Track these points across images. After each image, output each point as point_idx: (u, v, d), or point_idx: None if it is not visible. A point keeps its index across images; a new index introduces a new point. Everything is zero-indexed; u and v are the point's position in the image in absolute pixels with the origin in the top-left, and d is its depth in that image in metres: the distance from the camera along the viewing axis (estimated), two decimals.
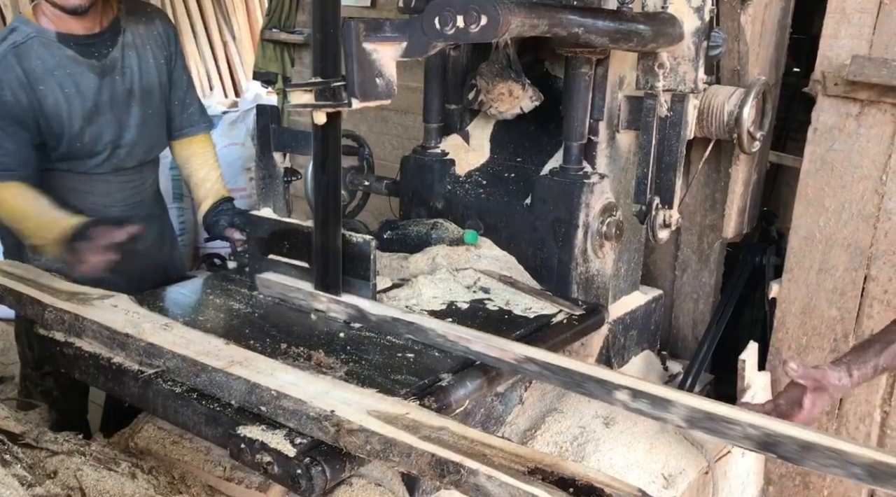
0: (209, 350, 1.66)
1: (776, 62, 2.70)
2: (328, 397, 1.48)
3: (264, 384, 1.51)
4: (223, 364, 1.60)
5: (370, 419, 1.38)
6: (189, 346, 1.68)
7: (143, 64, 2.35)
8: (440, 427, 1.37)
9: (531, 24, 1.68)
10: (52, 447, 1.59)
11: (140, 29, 2.35)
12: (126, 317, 1.80)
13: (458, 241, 2.42)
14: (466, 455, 1.25)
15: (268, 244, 2.14)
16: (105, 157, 2.33)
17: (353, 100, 1.72)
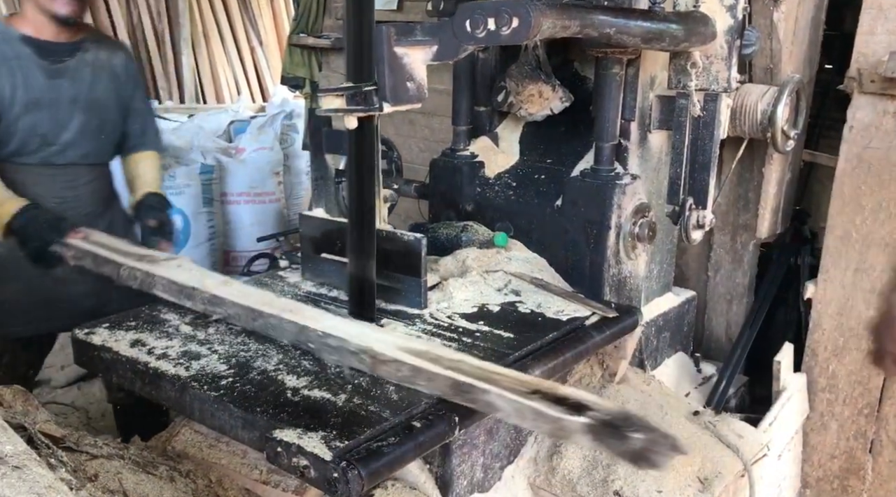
0: (264, 301, 1.87)
1: (810, 59, 2.66)
2: (365, 337, 1.68)
3: (312, 326, 1.71)
4: (277, 311, 1.80)
5: (400, 353, 1.59)
6: (247, 298, 1.89)
7: (96, 82, 2.59)
8: (458, 359, 1.59)
9: (563, 26, 1.67)
10: (92, 451, 1.61)
11: (102, 55, 2.62)
12: (190, 274, 2.03)
13: (489, 243, 2.42)
14: (480, 379, 1.46)
15: (319, 243, 2.19)
16: (34, 148, 2.50)
17: (385, 104, 1.72)
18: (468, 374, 1.49)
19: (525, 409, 1.36)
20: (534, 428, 1.43)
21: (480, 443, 1.88)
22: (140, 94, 2.80)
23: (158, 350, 1.86)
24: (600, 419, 1.29)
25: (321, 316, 1.80)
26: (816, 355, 2.56)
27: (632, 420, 1.29)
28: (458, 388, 1.47)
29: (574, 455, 2.00)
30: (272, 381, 1.71)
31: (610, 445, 1.29)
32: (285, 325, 1.75)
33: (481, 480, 1.91)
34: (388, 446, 1.48)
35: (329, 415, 1.57)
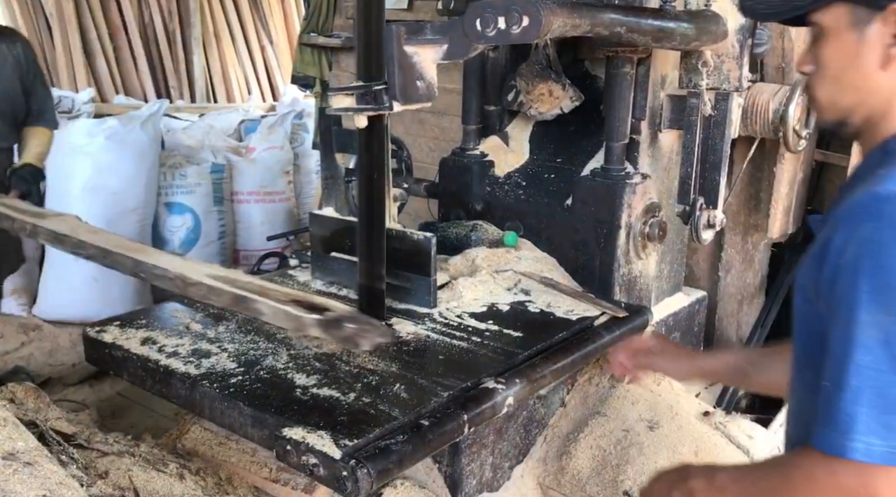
0: (121, 245, 2.13)
1: None
2: (181, 268, 1.93)
3: (145, 261, 1.97)
4: (124, 251, 2.05)
5: (205, 278, 1.84)
6: (107, 243, 2.14)
7: (2, 72, 2.88)
8: (247, 281, 1.83)
9: (573, 25, 1.67)
10: (103, 448, 1.62)
11: (4, 47, 2.91)
12: (66, 225, 2.31)
13: (498, 242, 2.41)
14: (254, 293, 1.74)
15: (329, 242, 2.19)
16: None
17: (395, 103, 1.72)
18: (248, 290, 1.79)
19: (278, 311, 1.66)
20: (287, 327, 1.73)
21: (490, 442, 1.88)
22: (39, 79, 3.09)
23: (169, 348, 1.87)
24: (329, 317, 1.59)
25: (158, 255, 2.10)
26: None
27: (350, 316, 1.59)
28: (237, 300, 1.78)
29: (583, 455, 2.00)
30: (282, 379, 1.72)
31: (332, 334, 1.59)
32: (126, 260, 2.04)
33: (490, 480, 1.91)
34: (397, 445, 1.48)
35: (338, 413, 1.57)
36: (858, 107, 1.06)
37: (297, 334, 1.91)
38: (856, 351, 0.93)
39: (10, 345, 3.80)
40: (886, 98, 1.03)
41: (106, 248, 2.15)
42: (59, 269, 3.97)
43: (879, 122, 1.05)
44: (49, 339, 3.87)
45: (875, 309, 0.92)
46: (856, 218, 0.95)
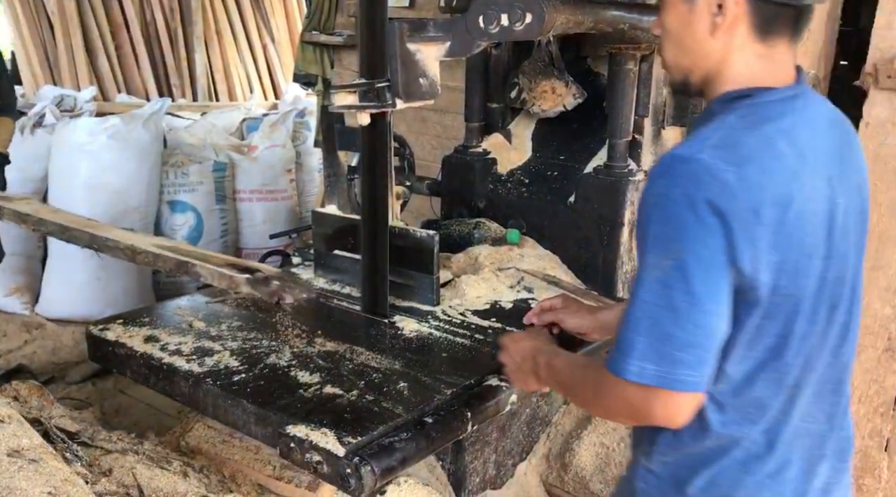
0: (77, 222, 2.42)
1: (825, 55, 2.63)
2: (132, 240, 2.21)
3: (99, 234, 2.25)
4: (80, 227, 2.33)
5: (153, 248, 2.12)
6: (65, 220, 2.42)
7: None
8: (190, 250, 2.11)
9: (576, 21, 1.67)
10: (107, 445, 1.62)
11: None
12: (30, 206, 2.61)
13: (501, 240, 2.41)
14: (197, 259, 2.01)
15: (332, 240, 2.19)
16: None
17: (398, 100, 1.72)
18: (191, 256, 2.04)
19: (215, 273, 1.91)
20: (223, 286, 1.95)
21: (493, 440, 1.88)
22: (2, 70, 3.29)
23: (172, 346, 1.86)
24: (257, 276, 1.83)
25: (111, 230, 2.36)
26: None
27: (277, 275, 1.82)
28: (180, 265, 2.03)
29: (587, 453, 2.00)
30: (285, 376, 1.72)
31: (260, 290, 1.80)
32: (82, 234, 2.29)
33: (494, 477, 1.91)
34: (401, 442, 1.48)
35: (342, 411, 1.57)
36: (695, 68, 1.17)
37: (232, 291, 2.03)
38: (640, 288, 1.06)
39: (13, 343, 3.80)
40: (717, 60, 1.13)
41: (63, 225, 2.40)
42: (61, 268, 3.97)
43: (712, 82, 1.15)
44: (52, 337, 3.87)
45: (657, 253, 1.04)
46: (655, 174, 1.07)
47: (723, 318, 1.04)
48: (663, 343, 1.03)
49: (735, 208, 1.01)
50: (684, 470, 1.17)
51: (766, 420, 1.13)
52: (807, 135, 1.10)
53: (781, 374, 1.12)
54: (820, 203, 1.08)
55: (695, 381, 1.04)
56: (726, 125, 1.08)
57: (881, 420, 2.47)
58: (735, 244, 1.01)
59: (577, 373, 1.26)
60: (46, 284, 4.10)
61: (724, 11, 1.10)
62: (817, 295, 1.10)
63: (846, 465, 1.27)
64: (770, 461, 1.15)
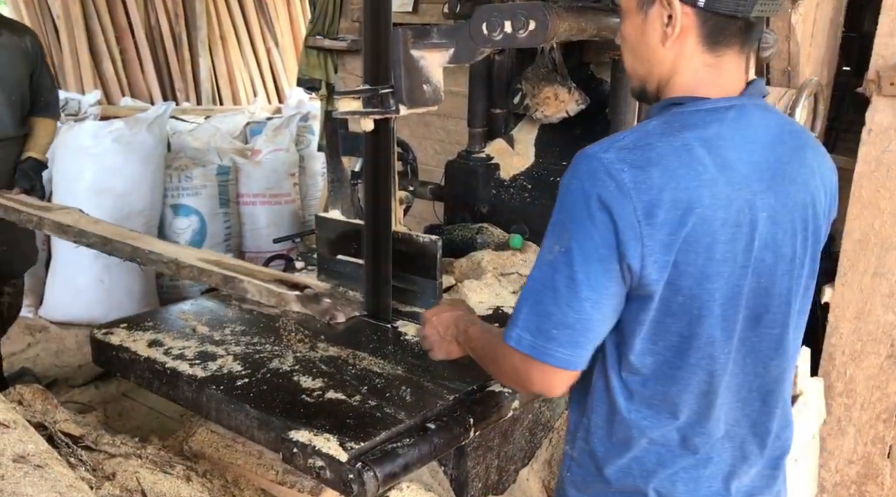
0: (119, 234, 2.39)
1: (828, 62, 2.64)
2: (176, 253, 2.20)
3: (141, 247, 2.24)
4: (122, 239, 2.32)
5: (196, 262, 2.10)
6: (107, 232, 2.39)
7: (11, 61, 2.94)
8: (234, 264, 2.09)
9: (579, 28, 1.68)
10: (110, 450, 1.63)
11: (14, 38, 2.97)
12: (70, 217, 2.55)
13: (504, 245, 2.42)
14: (243, 274, 1.99)
15: (335, 245, 2.20)
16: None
17: (401, 106, 1.73)
18: (236, 271, 2.01)
19: (263, 289, 1.85)
20: (271, 302, 1.92)
21: (495, 445, 1.88)
22: (45, 71, 3.13)
23: (175, 350, 1.87)
24: (308, 293, 1.80)
25: (154, 242, 2.34)
26: (834, 360, 2.54)
27: (328, 292, 1.80)
28: (225, 280, 1.99)
29: None
30: (288, 382, 1.72)
31: (311, 308, 1.78)
32: (124, 247, 2.27)
33: (496, 483, 1.92)
34: (404, 448, 1.48)
35: (344, 416, 1.57)
36: (649, 76, 1.22)
37: (281, 308, 1.99)
38: (535, 268, 1.16)
39: (17, 346, 3.81)
40: (668, 69, 1.18)
41: (105, 237, 2.35)
42: (65, 271, 3.98)
43: (663, 89, 1.20)
44: (55, 340, 3.89)
45: (553, 239, 1.13)
46: (568, 168, 1.17)
47: (599, 306, 1.11)
48: (542, 319, 1.13)
49: (624, 207, 1.06)
50: (600, 457, 1.24)
51: (681, 419, 1.19)
52: (733, 146, 1.13)
53: (687, 374, 1.16)
54: (736, 213, 1.11)
55: (565, 358, 1.12)
56: (644, 129, 1.14)
57: (884, 427, 2.47)
58: (623, 240, 1.07)
59: (487, 340, 1.34)
60: (50, 287, 4.12)
61: (674, 22, 1.14)
62: (731, 302, 1.14)
63: (778, 473, 1.32)
64: (686, 457, 1.21)
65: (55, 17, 5.60)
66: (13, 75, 2.95)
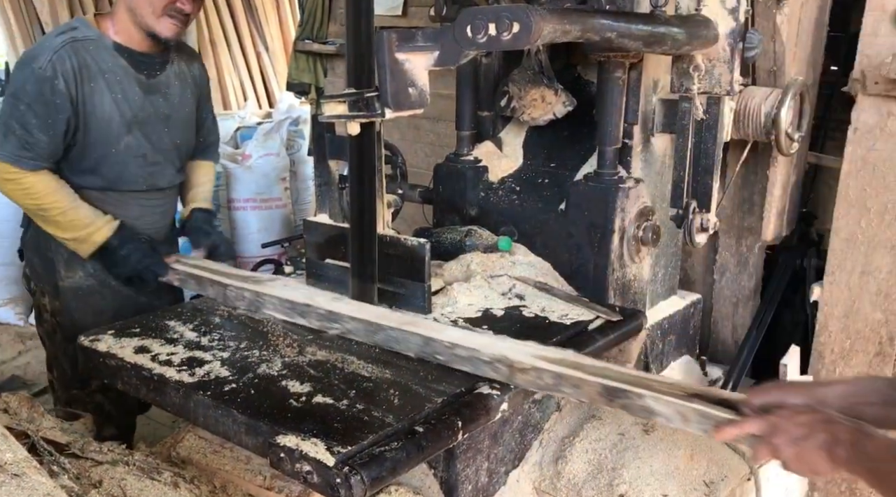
0: (380, 314, 1.91)
1: (814, 61, 2.65)
2: (494, 347, 1.70)
3: (438, 338, 1.76)
4: (396, 324, 1.84)
5: (537, 361, 1.61)
6: (362, 312, 1.91)
7: (182, 95, 2.47)
8: (602, 366, 1.58)
9: (563, 31, 1.67)
10: (97, 457, 1.62)
11: (184, 65, 2.49)
12: (299, 292, 2.06)
13: (493, 247, 2.42)
14: (631, 384, 1.46)
15: (324, 249, 2.20)
16: (138, 171, 2.37)
17: (387, 110, 1.73)
18: (617, 379, 1.51)
19: (688, 411, 1.37)
20: (698, 430, 1.41)
21: (485, 447, 1.88)
22: (209, 105, 2.69)
23: (163, 356, 1.86)
24: None
25: (440, 328, 1.85)
26: (823, 358, 2.55)
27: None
28: (611, 393, 1.48)
29: (579, 459, 2.00)
30: (276, 386, 1.72)
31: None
32: (410, 337, 1.80)
33: (486, 485, 1.91)
34: (391, 451, 1.48)
35: (332, 420, 1.57)
36: None
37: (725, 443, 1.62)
38: None
39: (7, 354, 3.80)
40: None
41: (374, 323, 1.85)
42: None
43: None
44: None
45: None
46: None
47: None
48: None
49: None
50: None
51: None
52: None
53: None
54: None
55: None
56: None
57: None
58: None
59: None
60: None
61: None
62: None
63: None
64: None
65: (43, 24, 5.58)
66: (182, 114, 2.48)
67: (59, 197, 2.24)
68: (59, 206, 2.24)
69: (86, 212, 2.27)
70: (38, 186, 2.22)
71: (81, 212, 2.26)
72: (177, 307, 2.20)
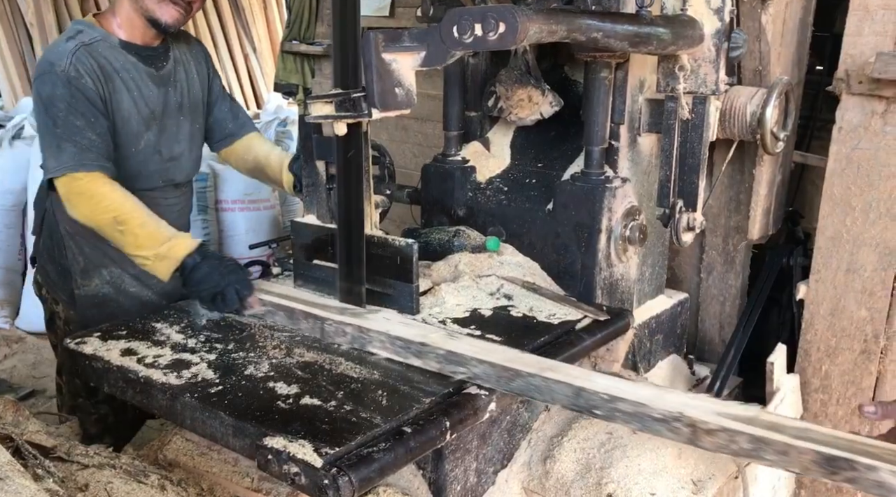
0: (511, 358, 1.69)
1: (798, 61, 2.67)
2: (663, 400, 1.47)
3: (590, 388, 1.53)
4: (536, 369, 1.61)
5: (724, 420, 1.37)
6: (491, 354, 1.70)
7: (189, 79, 2.43)
8: (804, 428, 1.35)
9: (549, 31, 1.68)
10: (83, 460, 1.61)
11: (182, 47, 2.44)
12: (407, 328, 1.88)
13: (481, 248, 2.42)
14: (853, 452, 1.25)
15: (311, 250, 2.19)
16: (155, 168, 2.34)
17: (374, 110, 1.73)
18: (831, 445, 1.29)
19: None
20: None
21: (473, 448, 1.88)
22: (218, 81, 2.58)
23: (149, 359, 1.86)
24: None
25: (589, 375, 1.62)
26: (809, 356, 2.56)
27: None
28: (832, 463, 1.27)
29: (567, 459, 2.00)
30: (263, 388, 1.72)
31: None
32: (553, 386, 1.58)
33: (475, 485, 1.91)
34: (379, 452, 1.48)
35: (320, 422, 1.57)
36: None
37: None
38: None
39: None
40: None
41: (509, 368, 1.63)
42: None
43: None
44: (32, 351, 3.85)
45: None
46: None
47: None
48: None
49: None
50: None
51: None
52: None
53: None
54: None
55: None
56: None
57: (858, 422, 2.50)
58: None
59: None
60: (27, 298, 4.08)
61: None
62: None
63: None
64: None
65: (28, 25, 5.55)
66: (192, 99, 2.41)
67: (135, 206, 2.09)
68: (138, 216, 2.07)
69: (165, 224, 2.11)
70: (113, 196, 2.08)
71: (162, 224, 2.10)
72: (163, 309, 2.18)
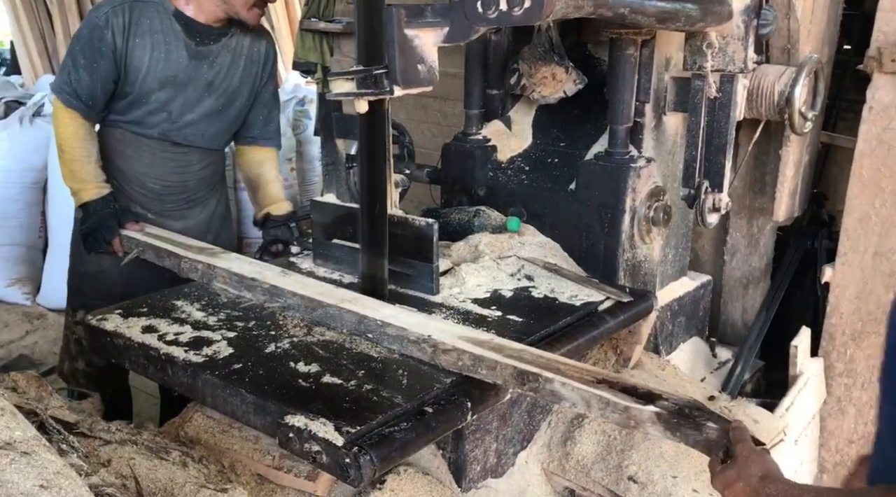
0: (322, 291, 1.95)
1: (829, 39, 2.61)
2: (424, 326, 1.74)
3: (371, 316, 1.80)
4: (335, 301, 1.88)
5: (461, 342, 1.65)
6: (305, 289, 1.96)
7: (233, 68, 2.52)
8: (520, 349, 1.62)
9: (576, 6, 1.64)
10: (106, 436, 1.62)
11: (245, 41, 2.54)
12: (249, 266, 2.13)
13: (501, 228, 2.40)
14: (543, 368, 1.50)
15: (331, 229, 2.19)
16: (158, 122, 2.46)
17: (395, 87, 1.70)
18: (531, 362, 1.53)
19: (592, 397, 1.39)
20: (600, 417, 1.43)
21: (494, 428, 1.87)
22: (272, 85, 2.69)
23: (170, 336, 1.86)
24: (670, 408, 1.31)
25: (379, 306, 1.87)
26: (834, 340, 2.53)
27: (704, 409, 1.29)
28: (522, 377, 1.51)
29: (588, 441, 1.99)
30: (284, 366, 1.71)
31: (684, 435, 1.28)
32: (345, 314, 1.84)
33: (495, 466, 1.91)
34: (400, 432, 1.47)
35: (341, 400, 1.56)
36: None
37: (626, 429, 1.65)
38: None
39: (15, 334, 3.81)
40: None
41: (314, 299, 1.88)
42: (62, 258, 3.95)
43: None
44: (53, 327, 3.87)
45: None
46: None
47: None
48: None
49: None
50: None
51: None
52: None
53: None
54: None
55: None
56: None
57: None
58: None
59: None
60: (47, 274, 4.10)
61: None
62: None
63: None
64: None
65: (48, 3, 5.55)
66: (227, 84, 2.51)
67: (76, 146, 2.41)
68: (72, 154, 2.41)
69: (89, 170, 2.43)
70: (67, 128, 2.40)
71: (86, 169, 2.42)
72: (183, 287, 2.18)
